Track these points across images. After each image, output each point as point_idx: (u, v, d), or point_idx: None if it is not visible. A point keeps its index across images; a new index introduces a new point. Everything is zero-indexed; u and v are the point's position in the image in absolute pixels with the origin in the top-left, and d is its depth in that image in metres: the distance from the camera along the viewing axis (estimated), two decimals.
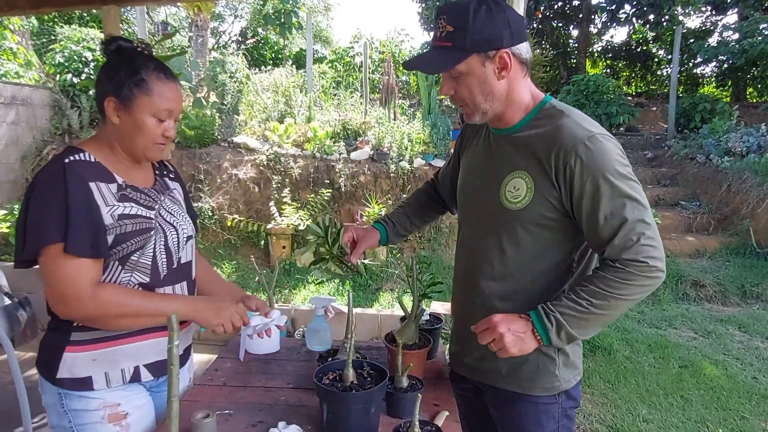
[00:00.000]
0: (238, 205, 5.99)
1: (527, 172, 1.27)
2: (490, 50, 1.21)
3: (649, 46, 13.23)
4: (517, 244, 1.31)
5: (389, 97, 7.47)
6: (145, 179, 1.40)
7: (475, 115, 1.31)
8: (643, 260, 1.16)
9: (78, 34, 6.68)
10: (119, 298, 1.25)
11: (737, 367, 3.78)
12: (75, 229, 1.18)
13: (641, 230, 1.16)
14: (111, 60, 1.30)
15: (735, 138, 6.82)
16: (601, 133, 1.22)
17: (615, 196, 1.17)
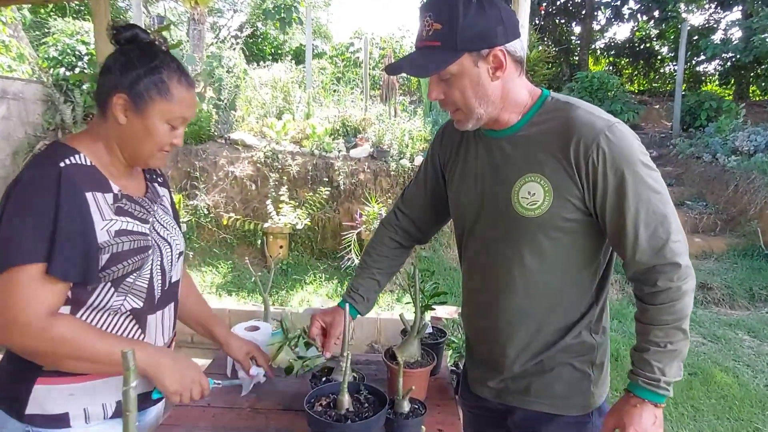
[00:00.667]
0: (234, 203, 5.85)
1: (542, 174, 1.15)
2: (483, 49, 1.09)
3: (652, 43, 13.08)
4: (540, 254, 1.19)
5: (390, 94, 7.33)
6: (137, 186, 1.26)
7: (468, 121, 1.19)
8: (676, 262, 1.09)
9: (72, 27, 6.54)
10: (75, 335, 1.06)
11: (749, 374, 3.65)
12: (65, 248, 1.02)
13: (668, 227, 1.10)
14: (126, 51, 1.14)
15: (742, 137, 6.69)
16: (618, 122, 1.13)
17: (640, 190, 1.09)
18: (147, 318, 1.21)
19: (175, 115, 1.15)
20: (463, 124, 1.20)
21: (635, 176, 1.09)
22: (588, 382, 1.26)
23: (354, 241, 5.29)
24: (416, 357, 1.48)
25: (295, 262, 5.52)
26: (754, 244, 5.69)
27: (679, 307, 1.10)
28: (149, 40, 1.18)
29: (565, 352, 1.25)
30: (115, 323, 1.16)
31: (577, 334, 1.24)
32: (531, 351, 1.26)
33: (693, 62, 11.85)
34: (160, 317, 1.25)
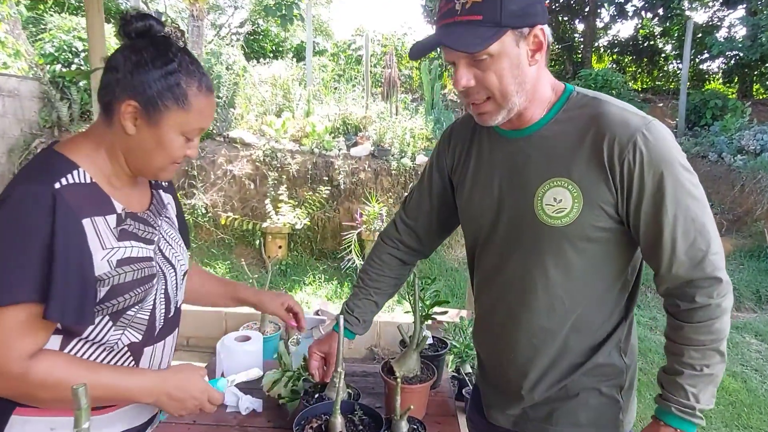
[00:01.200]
0: (232, 202, 5.77)
1: (569, 178, 1.03)
2: (526, 26, 0.97)
3: (656, 41, 12.96)
4: (566, 268, 1.07)
5: (391, 91, 7.23)
6: (141, 199, 1.12)
7: (498, 113, 1.04)
8: (716, 276, 0.99)
9: (68, 23, 6.45)
10: (58, 377, 0.93)
11: (757, 379, 3.57)
12: (61, 287, 0.89)
13: (708, 237, 0.99)
14: (138, 47, 0.98)
15: (748, 136, 6.58)
16: (655, 119, 1.02)
17: (679, 195, 0.98)
18: (143, 350, 1.09)
19: (192, 127, 1.01)
20: (491, 117, 1.05)
21: (675, 180, 0.98)
22: (617, 408, 1.14)
23: (354, 242, 5.21)
24: (415, 371, 1.40)
25: (294, 262, 5.44)
26: (761, 245, 5.60)
27: (717, 327, 1.00)
28: (165, 33, 1.02)
29: (592, 375, 1.12)
30: (108, 358, 1.04)
31: (606, 355, 1.12)
32: (554, 375, 1.13)
33: (697, 60, 11.73)
34: (160, 348, 1.13)
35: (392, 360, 1.44)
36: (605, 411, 1.14)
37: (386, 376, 1.38)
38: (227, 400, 1.42)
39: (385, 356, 3.86)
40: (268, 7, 9.98)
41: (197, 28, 7.67)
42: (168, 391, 1.02)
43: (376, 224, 5.24)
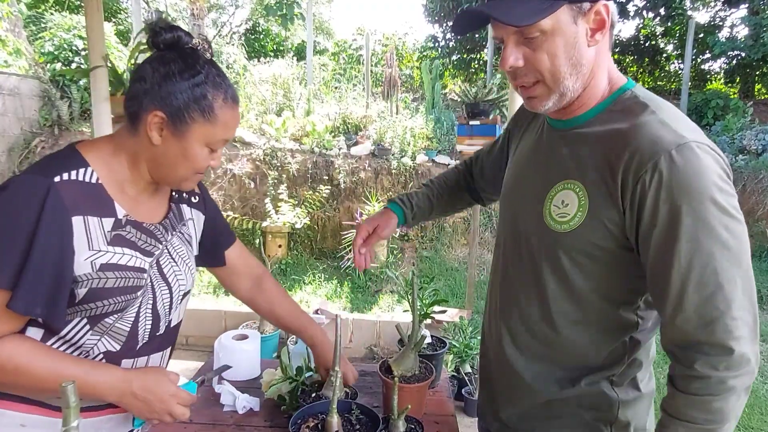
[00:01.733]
0: (232, 201, 5.76)
1: (581, 184, 0.93)
2: (586, 1, 0.86)
3: (657, 41, 12.94)
4: (560, 278, 0.98)
5: (392, 91, 7.22)
6: (155, 210, 1.11)
7: (549, 98, 0.94)
8: (727, 345, 0.81)
9: (69, 22, 6.44)
10: (18, 363, 0.92)
11: (758, 380, 3.55)
12: (32, 279, 0.89)
13: (730, 297, 0.80)
14: (166, 59, 0.98)
15: (750, 136, 6.56)
16: (699, 142, 0.84)
17: (702, 238, 0.81)
18: (121, 362, 1.06)
19: (217, 139, 1.02)
20: (540, 102, 0.95)
21: (697, 218, 0.81)
22: None
23: None
24: (413, 370, 1.39)
25: (294, 261, 5.43)
26: (762, 245, 5.58)
27: (717, 407, 0.82)
28: (192, 45, 1.02)
29: (577, 401, 1.02)
30: None
31: (593, 383, 1.01)
32: (540, 387, 1.05)
33: (698, 60, 11.70)
34: (143, 364, 1.10)
35: (390, 359, 1.42)
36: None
37: (384, 375, 1.36)
38: (224, 399, 1.41)
39: (384, 355, 3.85)
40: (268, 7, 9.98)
41: (197, 27, 7.67)
42: (133, 391, 1.00)
43: None
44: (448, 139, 6.37)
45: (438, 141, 6.31)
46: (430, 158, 6.06)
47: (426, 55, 12.14)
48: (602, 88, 0.96)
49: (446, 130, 6.47)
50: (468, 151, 3.77)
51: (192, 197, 1.23)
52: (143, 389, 1.00)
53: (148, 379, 1.02)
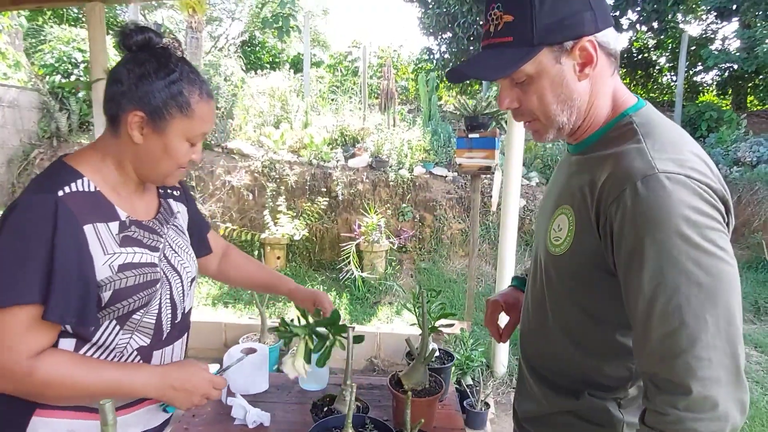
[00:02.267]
0: (231, 213, 5.76)
1: (571, 208, 0.95)
2: (568, 40, 0.88)
3: (650, 54, 13.10)
4: (557, 301, 1.01)
5: (388, 103, 7.27)
6: (148, 207, 1.16)
7: (547, 133, 0.98)
8: (686, 384, 0.77)
9: (68, 35, 6.47)
10: (62, 375, 0.96)
11: (758, 391, 3.56)
12: (61, 289, 0.92)
13: (693, 337, 0.77)
14: (139, 59, 1.02)
15: (744, 147, 6.64)
16: (671, 173, 0.81)
17: (665, 271, 0.78)
18: (153, 354, 1.12)
19: (195, 133, 1.06)
20: (540, 136, 1.00)
21: (661, 250, 0.79)
22: None
23: (353, 253, 5.20)
24: (424, 384, 1.39)
25: (292, 273, 5.42)
26: (759, 256, 5.62)
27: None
28: (163, 44, 1.06)
29: (583, 416, 1.03)
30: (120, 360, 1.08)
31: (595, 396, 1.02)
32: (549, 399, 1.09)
33: (690, 72, 11.85)
34: (169, 352, 1.17)
35: (400, 373, 1.43)
36: None
37: (394, 388, 1.37)
38: (235, 412, 1.41)
39: (385, 367, 3.84)
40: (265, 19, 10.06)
41: (196, 40, 7.71)
42: (172, 384, 1.06)
43: (375, 235, 5.24)
44: (445, 151, 6.41)
45: (435, 153, 6.35)
46: (428, 170, 6.09)
47: (421, 67, 12.24)
48: (605, 112, 0.97)
49: (443, 142, 6.51)
50: (467, 164, 3.79)
51: (174, 191, 1.29)
52: (181, 381, 1.07)
53: (183, 371, 1.09)
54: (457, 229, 5.82)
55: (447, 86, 12.60)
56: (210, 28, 12.45)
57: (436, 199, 5.86)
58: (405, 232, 5.64)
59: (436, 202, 5.84)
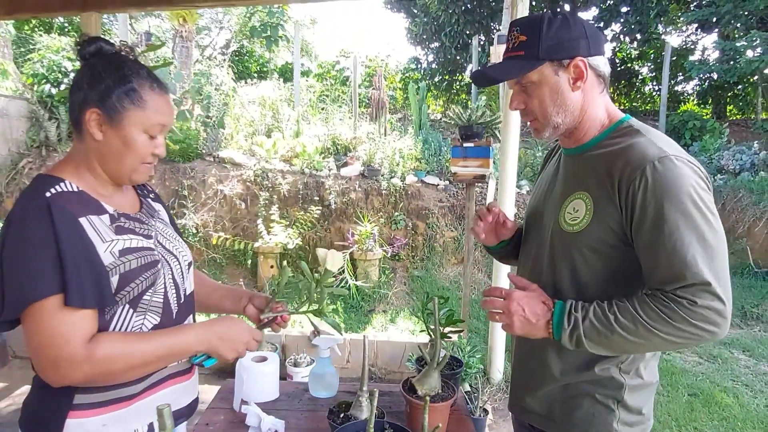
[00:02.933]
0: (223, 222, 5.75)
1: (588, 193, 1.16)
2: (565, 58, 1.14)
3: (633, 64, 13.36)
4: (573, 273, 1.19)
5: (380, 112, 7.32)
6: (132, 204, 1.23)
7: (545, 130, 1.22)
8: (699, 304, 1.00)
9: (57, 44, 6.42)
10: (120, 348, 1.04)
11: (748, 394, 3.64)
12: (75, 276, 0.99)
13: (706, 280, 1.00)
14: (92, 65, 1.10)
15: (728, 156, 6.79)
16: (677, 155, 1.07)
17: (682, 229, 1.02)
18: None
19: (152, 123, 1.11)
20: (539, 133, 1.23)
21: (677, 212, 1.02)
22: (611, 417, 1.20)
23: (347, 262, 5.21)
24: (437, 389, 1.42)
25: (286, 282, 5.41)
26: (744, 262, 5.75)
27: (662, 326, 1.01)
28: (114, 51, 1.14)
29: (590, 384, 1.21)
30: None
31: (603, 368, 1.20)
32: (557, 374, 1.24)
33: (672, 82, 12.10)
34: None
35: (413, 378, 1.45)
36: (598, 416, 1.20)
37: (408, 394, 1.39)
38: (249, 420, 1.42)
39: (382, 375, 3.85)
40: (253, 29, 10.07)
41: (186, 49, 7.70)
42: (217, 334, 1.16)
43: (369, 244, 5.26)
44: (436, 160, 6.46)
45: (427, 162, 6.40)
46: (420, 179, 6.13)
47: (409, 76, 12.34)
48: (600, 120, 1.21)
49: (434, 150, 6.57)
50: (462, 173, 3.84)
51: (150, 194, 1.35)
52: (225, 330, 1.17)
53: (225, 323, 1.19)
54: (449, 237, 5.87)
55: (434, 96, 12.71)
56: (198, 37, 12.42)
57: (429, 208, 5.90)
58: (398, 240, 5.67)
59: (428, 211, 5.88)
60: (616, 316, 1.05)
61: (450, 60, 11.81)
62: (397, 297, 5.30)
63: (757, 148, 6.91)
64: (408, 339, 4.06)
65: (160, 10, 6.83)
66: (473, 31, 10.79)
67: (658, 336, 1.02)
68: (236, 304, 1.43)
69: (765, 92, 9.74)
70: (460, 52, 11.43)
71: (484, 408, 3.08)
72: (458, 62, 11.86)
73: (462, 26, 10.91)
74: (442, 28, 11.22)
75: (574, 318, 1.08)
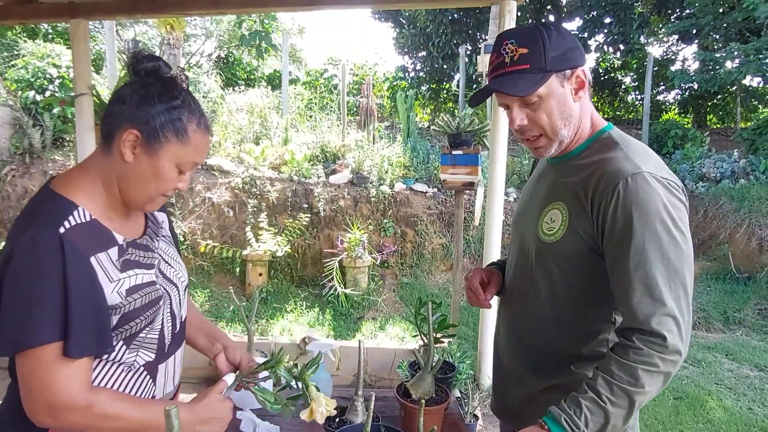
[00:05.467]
0: (211, 230, 5.72)
1: (564, 203, 1.17)
2: (568, 69, 1.12)
3: (616, 74, 13.60)
4: (550, 281, 1.20)
5: (368, 120, 7.35)
6: (137, 225, 1.17)
7: (551, 146, 1.18)
8: (661, 333, 1.01)
9: (42, 50, 6.37)
10: (116, 409, 1.00)
11: (732, 398, 3.70)
12: (79, 326, 0.94)
13: (663, 299, 1.01)
14: (147, 84, 1.05)
15: (709, 164, 6.94)
16: (651, 173, 1.06)
17: (646, 244, 1.02)
18: (158, 368, 1.15)
19: (187, 160, 1.07)
20: (545, 150, 1.20)
21: (645, 229, 1.02)
22: None
23: (336, 269, 5.21)
24: (431, 393, 1.43)
25: (275, 290, 5.40)
26: (726, 267, 5.85)
27: (640, 375, 1.00)
28: (171, 75, 1.10)
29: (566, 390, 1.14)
30: (128, 378, 1.10)
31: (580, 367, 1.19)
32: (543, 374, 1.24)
33: (654, 92, 12.33)
34: (171, 363, 1.20)
35: (407, 383, 1.47)
36: None
37: (402, 398, 1.40)
38: (244, 426, 1.42)
39: (372, 382, 3.85)
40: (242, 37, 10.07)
41: (173, 57, 7.67)
42: (201, 418, 1.10)
43: (358, 251, 5.27)
44: (424, 167, 6.51)
45: (415, 169, 6.44)
46: (408, 186, 6.17)
47: (396, 85, 12.41)
48: (587, 129, 1.21)
49: (422, 158, 6.61)
50: (451, 180, 3.88)
51: None
52: (206, 415, 1.11)
53: (206, 405, 1.12)
54: (438, 244, 5.90)
55: (422, 104, 12.79)
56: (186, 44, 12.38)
57: (417, 215, 5.94)
58: (387, 247, 5.69)
59: (417, 218, 5.92)
60: (611, 401, 1.01)
61: (437, 69, 11.92)
62: (386, 304, 5.31)
63: (737, 156, 7.07)
64: (398, 346, 4.07)
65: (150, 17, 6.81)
66: (460, 40, 10.90)
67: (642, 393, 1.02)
68: (209, 345, 1.37)
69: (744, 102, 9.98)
70: (447, 61, 11.53)
71: (474, 414, 3.09)
72: (445, 71, 11.97)
73: (449, 36, 11.02)
74: (429, 38, 11.32)
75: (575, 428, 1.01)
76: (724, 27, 9.23)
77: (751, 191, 6.18)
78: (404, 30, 11.80)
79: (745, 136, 7.61)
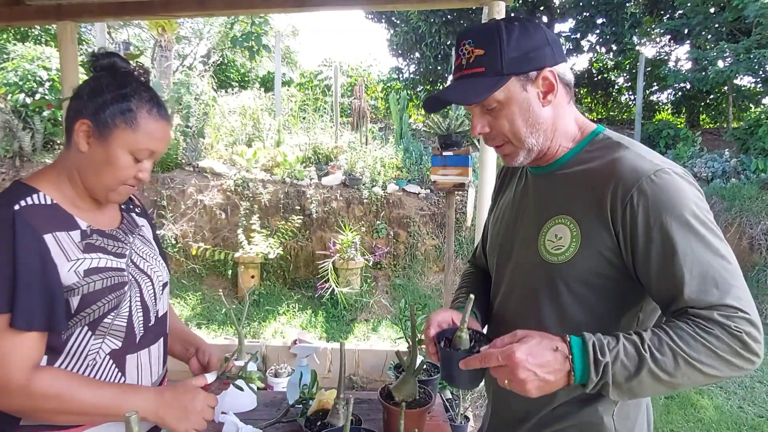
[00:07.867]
0: (203, 232, 5.70)
1: (572, 217, 1.01)
2: (532, 71, 1.00)
3: (609, 74, 13.65)
4: (559, 309, 1.03)
5: (361, 122, 7.35)
6: (111, 218, 1.19)
7: (518, 155, 1.07)
8: (738, 332, 0.85)
9: (32, 53, 6.34)
10: (61, 389, 0.99)
11: (722, 396, 3.71)
12: (26, 296, 0.95)
13: (737, 304, 0.86)
14: (98, 77, 1.10)
15: (700, 163, 6.96)
16: (672, 168, 0.95)
17: (696, 247, 0.88)
18: (126, 358, 1.13)
19: (140, 147, 1.08)
20: (512, 159, 1.08)
21: (685, 229, 0.89)
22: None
23: (330, 270, 5.20)
24: (414, 395, 1.43)
25: (267, 292, 5.38)
26: None
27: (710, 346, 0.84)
28: (127, 69, 1.13)
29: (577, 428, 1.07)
30: (94, 368, 1.09)
31: (593, 413, 1.05)
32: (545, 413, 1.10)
33: (647, 92, 12.38)
34: (145, 356, 1.17)
35: (390, 386, 1.46)
36: None
37: (385, 401, 1.40)
38: (226, 429, 1.41)
39: (364, 384, 3.84)
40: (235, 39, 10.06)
41: (165, 59, 7.65)
42: (167, 402, 1.08)
43: (350, 252, 5.26)
44: (417, 169, 6.51)
45: (408, 171, 6.44)
46: (401, 187, 6.17)
47: (390, 86, 12.41)
48: (572, 134, 1.08)
49: (415, 159, 6.61)
50: (442, 181, 3.88)
51: (135, 209, 1.32)
52: (174, 399, 1.09)
53: (176, 390, 1.11)
54: (430, 245, 5.90)
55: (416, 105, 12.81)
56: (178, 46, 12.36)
57: (410, 216, 5.93)
58: (380, 248, 5.68)
59: (409, 219, 5.91)
60: (652, 352, 0.85)
61: (431, 70, 11.92)
62: (379, 305, 5.30)
63: (729, 155, 7.10)
64: (390, 347, 4.07)
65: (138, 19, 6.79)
66: (453, 42, 10.91)
67: (699, 372, 0.86)
68: (185, 351, 1.37)
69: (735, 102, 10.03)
70: (440, 62, 11.54)
71: (465, 415, 3.09)
72: (439, 73, 11.97)
73: (442, 37, 11.03)
74: (422, 38, 11.33)
75: (603, 365, 0.86)
76: (715, 27, 9.27)
77: (742, 190, 6.21)
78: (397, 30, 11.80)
79: (736, 135, 7.64)
